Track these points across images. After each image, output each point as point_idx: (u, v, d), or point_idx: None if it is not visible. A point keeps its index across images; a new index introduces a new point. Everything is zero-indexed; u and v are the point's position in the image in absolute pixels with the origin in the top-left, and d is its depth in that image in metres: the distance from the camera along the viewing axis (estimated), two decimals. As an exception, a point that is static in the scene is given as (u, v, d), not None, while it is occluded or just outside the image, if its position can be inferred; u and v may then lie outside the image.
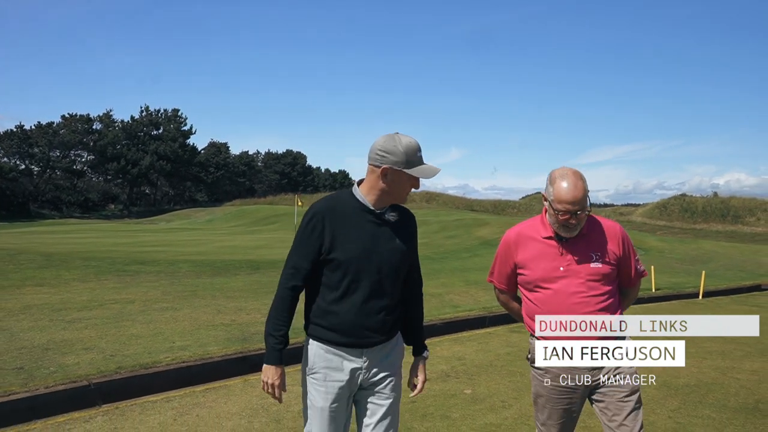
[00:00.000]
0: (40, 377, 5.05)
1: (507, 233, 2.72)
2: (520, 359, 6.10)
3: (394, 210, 2.39)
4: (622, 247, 2.55)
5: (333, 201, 2.35)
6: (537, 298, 2.54)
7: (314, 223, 2.29)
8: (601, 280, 2.47)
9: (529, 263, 2.56)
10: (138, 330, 6.83)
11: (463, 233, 23.52)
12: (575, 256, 2.49)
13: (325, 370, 2.31)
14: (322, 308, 2.31)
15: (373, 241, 2.30)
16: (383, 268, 2.30)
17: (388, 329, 2.35)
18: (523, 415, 4.32)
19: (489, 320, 8.83)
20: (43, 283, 9.41)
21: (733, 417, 4.30)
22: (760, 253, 22.73)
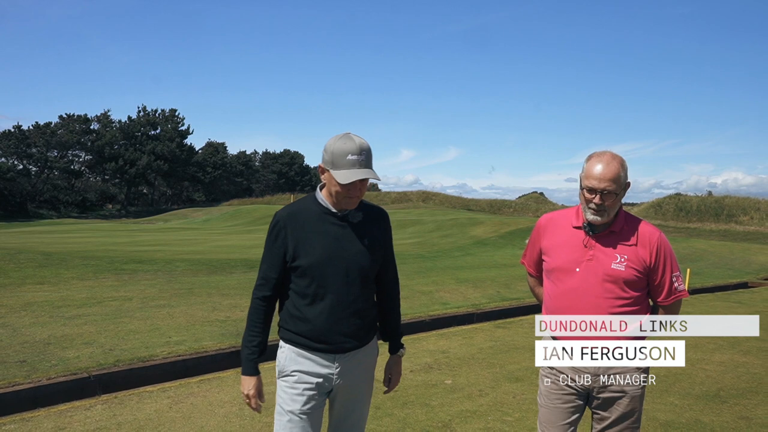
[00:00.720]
0: (42, 369, 5.32)
1: (542, 217, 2.65)
2: (502, 352, 6.38)
3: (359, 210, 2.35)
4: (655, 256, 2.36)
5: (295, 207, 2.34)
6: (552, 290, 2.47)
7: (276, 231, 2.29)
8: (619, 285, 2.33)
9: (552, 250, 2.48)
10: (136, 326, 7.09)
11: (458, 232, 23.77)
12: (599, 252, 2.37)
13: (297, 374, 2.30)
14: (294, 315, 2.30)
15: (337, 244, 2.26)
16: (350, 271, 2.26)
17: (361, 334, 2.33)
18: (497, 403, 4.60)
19: (477, 317, 9.11)
20: (43, 281, 9.66)
21: (694, 403, 4.59)
22: (750, 252, 23.03)
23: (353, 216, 2.32)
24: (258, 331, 2.30)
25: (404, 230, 26.99)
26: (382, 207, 2.52)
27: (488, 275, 12.66)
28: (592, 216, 2.34)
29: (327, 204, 2.31)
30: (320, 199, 2.33)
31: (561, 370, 2.42)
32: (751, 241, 29.39)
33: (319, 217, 2.29)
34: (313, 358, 2.29)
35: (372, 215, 2.40)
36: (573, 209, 2.51)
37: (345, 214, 2.31)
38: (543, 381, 2.52)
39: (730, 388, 5.06)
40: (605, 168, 2.30)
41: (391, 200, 51.16)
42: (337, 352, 2.29)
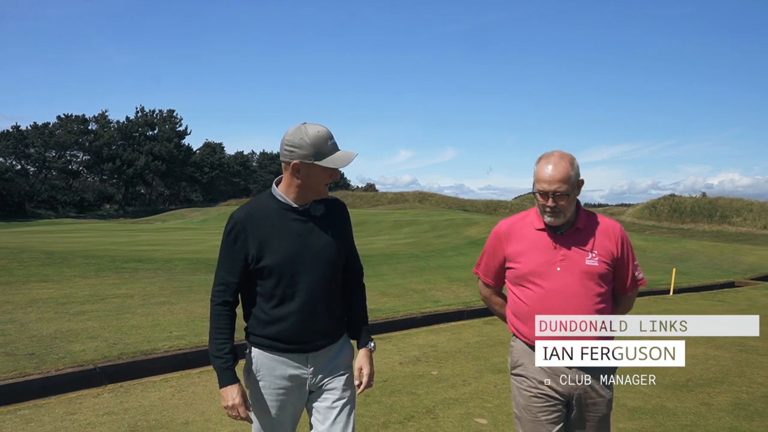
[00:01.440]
0: (51, 362, 5.62)
1: (499, 224, 2.58)
2: (488, 347, 6.70)
3: (320, 203, 2.29)
4: (621, 248, 2.39)
5: (251, 206, 2.25)
6: (526, 295, 2.39)
7: (235, 234, 2.18)
8: (595, 280, 2.32)
9: (519, 256, 2.41)
10: (138, 321, 7.40)
11: (452, 233, 24.12)
12: (569, 251, 2.35)
13: (269, 378, 2.23)
14: (261, 318, 2.22)
15: (301, 240, 2.20)
16: (317, 266, 2.20)
17: (331, 330, 2.28)
18: (479, 391, 4.92)
19: (467, 314, 9.44)
20: (46, 279, 9.97)
21: (662, 392, 4.91)
22: (740, 252, 23.42)
23: (315, 209, 2.26)
24: (225, 338, 2.19)
25: (400, 230, 27.33)
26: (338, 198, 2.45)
27: (480, 274, 12.98)
28: (549, 218, 2.33)
29: (287, 199, 2.22)
30: (278, 194, 2.24)
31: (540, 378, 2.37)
32: (742, 242, 29.79)
33: (279, 213, 2.21)
34: (285, 361, 2.22)
35: (331, 207, 2.33)
36: (531, 211, 2.49)
37: (306, 209, 2.24)
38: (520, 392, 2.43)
39: (698, 378, 5.39)
40: (554, 169, 2.28)
41: (387, 201, 51.49)
42: (310, 351, 2.23)
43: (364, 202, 53.09)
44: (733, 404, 4.62)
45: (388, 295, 9.87)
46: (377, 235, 26.49)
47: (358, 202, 53.13)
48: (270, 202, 2.24)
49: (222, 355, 2.18)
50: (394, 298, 9.71)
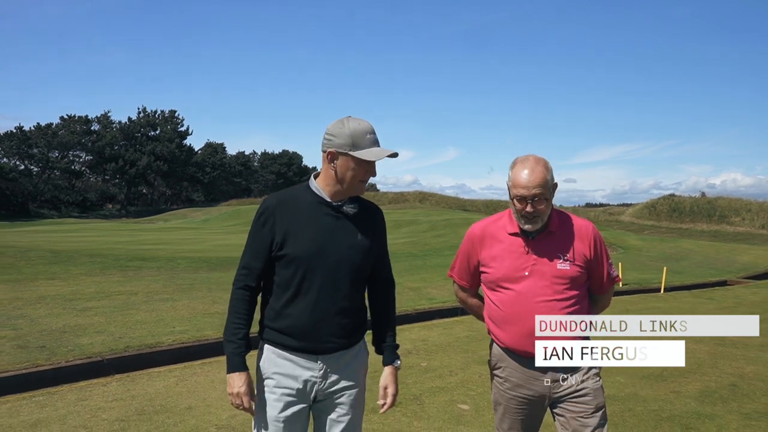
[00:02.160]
0: (61, 354, 5.94)
1: (471, 228, 2.56)
2: (476, 341, 7.00)
3: (355, 202, 2.22)
4: (593, 248, 2.38)
5: (286, 194, 2.22)
6: (499, 299, 2.38)
7: (264, 218, 2.15)
8: (567, 283, 2.32)
9: (492, 261, 2.40)
10: (142, 317, 7.73)
11: (450, 232, 24.43)
12: (541, 256, 2.33)
13: (276, 377, 2.15)
14: (275, 310, 2.16)
15: (330, 235, 2.14)
16: (341, 266, 2.13)
17: (346, 334, 2.17)
18: (464, 381, 5.23)
19: (460, 311, 9.73)
20: (53, 277, 10.29)
21: (637, 381, 5.22)
22: (736, 252, 23.71)
23: (350, 207, 2.19)
24: (242, 323, 2.14)
25: (399, 230, 27.64)
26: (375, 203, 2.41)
27: (475, 273, 13.29)
28: (527, 224, 2.31)
29: (322, 193, 2.18)
30: (314, 187, 2.20)
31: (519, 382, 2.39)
32: (739, 242, 30.07)
33: (312, 206, 2.17)
34: (294, 360, 2.14)
35: (368, 210, 2.28)
36: (503, 215, 2.47)
37: (340, 205, 2.18)
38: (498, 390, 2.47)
39: (673, 369, 5.69)
40: (531, 174, 2.26)
41: (388, 200, 51.78)
42: (321, 353, 2.14)
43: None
44: (700, 392, 4.93)
45: (384, 293, 10.18)
46: (377, 234, 26.84)
47: (358, 202, 53.29)
48: (305, 193, 2.20)
49: (236, 339, 2.12)
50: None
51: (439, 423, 4.19)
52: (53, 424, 4.06)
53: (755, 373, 5.52)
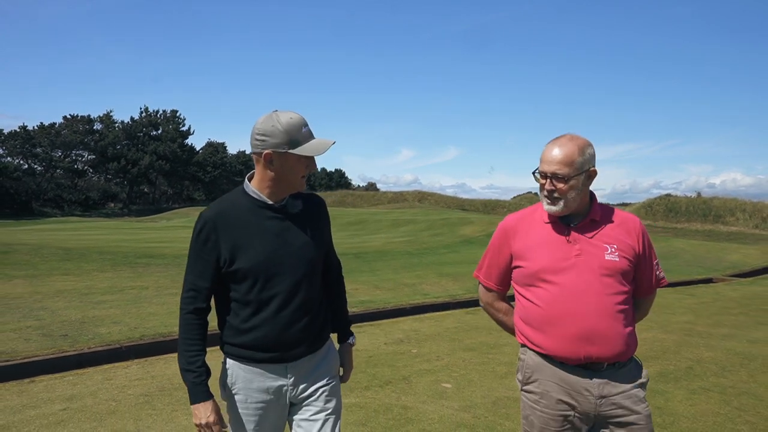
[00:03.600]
0: (83, 341, 6.52)
1: (506, 218, 2.34)
2: (464, 331, 7.58)
3: (297, 198, 2.14)
4: (641, 243, 2.15)
5: (222, 204, 2.08)
6: (539, 297, 2.12)
7: (205, 235, 2.01)
8: (616, 277, 2.06)
9: (529, 252, 2.17)
10: (154, 309, 8.30)
11: (447, 231, 24.98)
12: (586, 245, 2.10)
13: (246, 391, 2.07)
14: (236, 327, 2.06)
15: (279, 239, 2.04)
16: (297, 268, 2.05)
17: (313, 337, 2.12)
18: (449, 365, 5.80)
19: (452, 305, 10.30)
20: (68, 273, 10.86)
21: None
22: (726, 251, 24.22)
23: (292, 206, 2.11)
24: (197, 349, 2.05)
25: (397, 229, 28.22)
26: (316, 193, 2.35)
27: (469, 270, 13.81)
28: (548, 206, 2.13)
29: (261, 196, 2.07)
30: (251, 191, 2.08)
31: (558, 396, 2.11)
32: (732, 241, 30.58)
33: (253, 211, 2.05)
34: (262, 372, 2.07)
35: (309, 203, 2.19)
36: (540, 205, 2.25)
37: (283, 205, 2.09)
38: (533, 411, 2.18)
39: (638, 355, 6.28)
40: (557, 150, 2.08)
41: (387, 200, 52.35)
42: (289, 361, 2.07)
43: (364, 202, 53.97)
44: (658, 373, 5.50)
45: (380, 289, 10.73)
46: (375, 233, 27.40)
47: (358, 201, 54.04)
48: (242, 199, 2.08)
49: (194, 368, 2.02)
50: (386, 291, 10.57)
51: (424, 398, 4.76)
52: (86, 398, 4.64)
53: (712, 358, 6.10)
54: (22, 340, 6.38)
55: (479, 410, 4.44)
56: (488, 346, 6.63)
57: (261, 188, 2.07)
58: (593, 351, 2.04)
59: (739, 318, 8.71)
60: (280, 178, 2.04)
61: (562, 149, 2.09)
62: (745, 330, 7.67)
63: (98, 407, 4.43)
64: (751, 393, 4.86)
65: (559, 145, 2.10)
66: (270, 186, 2.06)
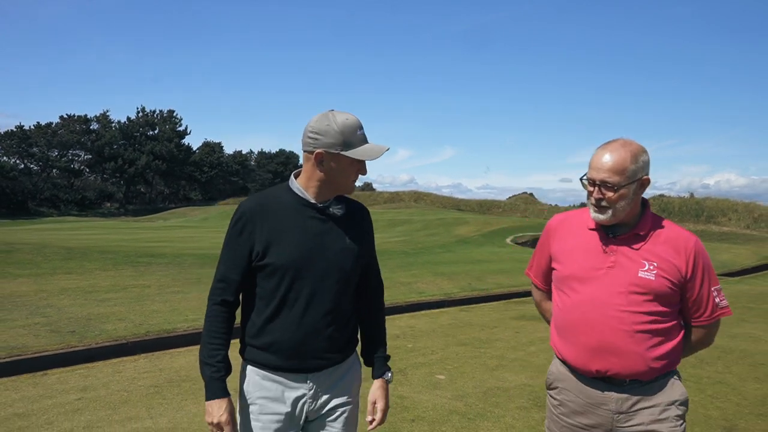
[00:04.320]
0: (90, 337, 6.76)
1: (552, 218, 2.32)
2: (458, 327, 7.86)
3: (341, 202, 2.05)
4: (692, 265, 1.99)
5: (264, 197, 2.03)
6: (564, 302, 2.11)
7: (241, 225, 1.96)
8: (646, 296, 1.96)
9: (563, 255, 2.14)
10: (157, 307, 8.55)
11: (443, 231, 25.30)
12: (622, 257, 2.01)
13: (262, 401, 1.98)
14: (257, 325, 1.98)
15: (317, 240, 1.97)
16: (330, 273, 1.97)
17: (338, 348, 2.01)
18: (443, 358, 6.08)
19: (447, 303, 10.59)
20: (71, 272, 11.09)
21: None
22: (716, 251, 24.57)
23: (336, 209, 2.03)
24: (220, 343, 1.95)
25: (393, 229, 28.51)
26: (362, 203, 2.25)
27: (464, 269, 14.15)
28: (594, 213, 2.04)
29: (305, 194, 2.00)
30: (296, 188, 2.02)
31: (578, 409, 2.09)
32: (723, 241, 30.98)
33: (295, 208, 1.99)
34: (281, 381, 1.98)
35: (355, 210, 2.11)
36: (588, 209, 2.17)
37: (326, 206, 2.01)
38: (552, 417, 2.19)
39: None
40: (607, 155, 1.99)
41: (383, 200, 52.64)
42: (310, 371, 1.98)
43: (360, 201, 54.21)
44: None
45: (377, 287, 11.03)
46: (372, 233, 27.72)
47: (354, 201, 54.19)
48: (286, 194, 2.02)
49: (214, 363, 1.93)
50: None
51: (419, 388, 5.04)
52: (99, 389, 4.91)
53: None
54: (32, 335, 6.62)
55: (470, 399, 4.72)
56: (480, 341, 6.91)
57: (307, 187, 2.01)
58: (603, 365, 1.99)
59: (723, 315, 9.01)
60: (330, 180, 1.98)
61: (614, 156, 1.98)
62: (727, 326, 7.95)
63: (111, 397, 4.70)
64: (724, 382, 5.16)
65: (610, 151, 2.00)
66: (317, 186, 1.99)
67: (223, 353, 1.95)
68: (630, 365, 1.96)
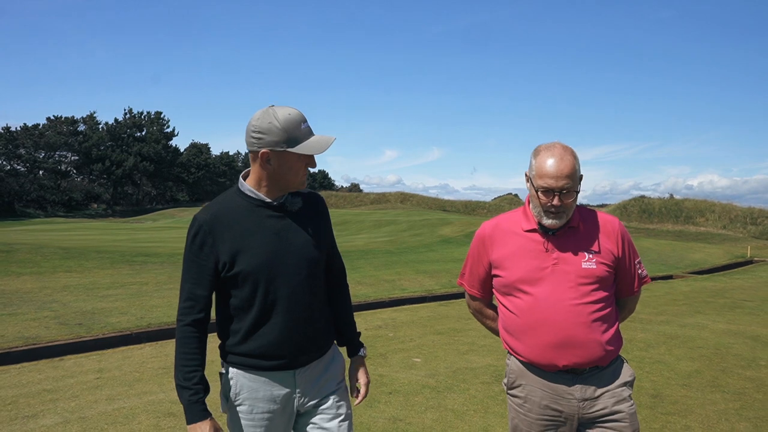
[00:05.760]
0: (96, 329, 7.36)
1: (482, 226, 2.32)
2: (436, 319, 8.54)
3: (296, 196, 2.05)
4: (621, 245, 2.13)
5: (217, 205, 1.99)
6: (516, 306, 2.13)
7: (201, 239, 1.92)
8: (594, 284, 2.07)
9: (506, 261, 2.17)
10: (156, 302, 9.15)
11: (427, 232, 26.00)
12: (563, 253, 2.09)
13: (251, 401, 1.98)
14: (240, 334, 1.97)
15: (279, 238, 1.96)
16: (300, 268, 1.98)
17: (321, 339, 2.07)
18: (419, 345, 6.76)
19: (428, 299, 11.28)
20: (70, 270, 11.64)
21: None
22: (691, 250, 25.51)
23: (291, 204, 2.03)
24: (195, 365, 1.92)
25: (379, 230, 29.19)
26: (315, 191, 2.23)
27: (445, 267, 14.84)
28: (552, 220, 2.06)
29: (258, 194, 1.99)
30: (247, 190, 2.00)
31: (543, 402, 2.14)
32: (699, 241, 31.94)
33: (250, 211, 1.97)
34: (269, 381, 1.99)
35: (309, 201, 2.12)
36: (519, 210, 2.24)
37: (282, 203, 2.01)
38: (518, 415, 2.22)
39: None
40: (559, 162, 2.01)
41: (369, 201, 53.30)
42: (297, 367, 2.01)
43: (347, 203, 54.91)
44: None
45: (362, 284, 11.65)
46: (358, 233, 28.34)
47: (341, 202, 54.96)
48: (238, 199, 2.00)
49: (191, 386, 1.90)
50: (368, 287, 11.51)
51: (396, 369, 5.71)
52: (113, 371, 5.53)
53: (643, 338, 7.11)
54: (43, 327, 7.21)
55: (441, 377, 5.40)
56: (455, 330, 7.60)
57: (258, 187, 1.99)
58: (569, 359, 2.07)
59: (681, 308, 9.77)
60: (279, 178, 1.96)
61: (565, 161, 2.03)
62: (681, 317, 8.72)
63: (125, 377, 5.33)
64: (663, 362, 5.88)
65: (559, 158, 2.03)
66: (267, 185, 1.98)
67: (199, 374, 1.92)
68: (591, 354, 2.05)
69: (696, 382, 5.21)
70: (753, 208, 43.26)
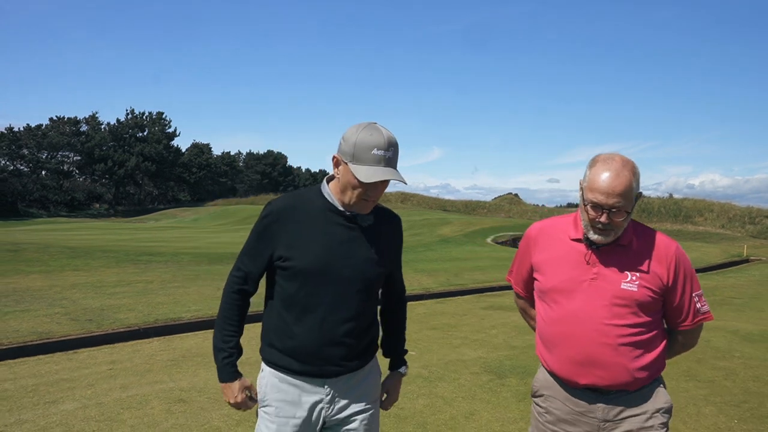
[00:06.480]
0: (106, 324, 7.69)
1: (531, 227, 2.28)
2: (431, 316, 8.87)
3: (372, 212, 2.03)
4: (674, 272, 1.99)
5: (294, 199, 2.03)
6: (548, 314, 2.10)
7: (267, 223, 1.99)
8: (630, 307, 1.96)
9: (545, 266, 2.12)
10: (162, 299, 9.47)
11: (427, 231, 26.33)
12: (605, 269, 1.99)
13: (278, 404, 2.00)
14: (278, 328, 2.01)
15: (341, 248, 1.96)
16: (352, 280, 1.96)
17: (356, 356, 2.02)
18: (415, 339, 7.06)
19: (426, 297, 11.59)
20: (78, 269, 11.97)
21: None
22: (688, 249, 25.55)
23: (364, 218, 2.02)
24: (234, 330, 2.02)
25: (380, 229, 29.43)
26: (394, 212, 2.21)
27: (443, 267, 15.18)
28: (597, 236, 1.97)
29: (334, 200, 2.00)
30: (326, 193, 2.02)
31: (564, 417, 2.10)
32: (697, 240, 32.21)
33: (322, 213, 1.99)
34: (299, 385, 2.00)
35: (384, 219, 2.11)
36: (570, 217, 2.15)
37: (354, 215, 2.00)
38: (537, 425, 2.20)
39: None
40: (614, 179, 1.90)
41: (370, 201, 53.46)
42: (328, 377, 1.99)
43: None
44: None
45: (361, 282, 12.00)
46: (359, 233, 28.64)
47: (342, 202, 54.98)
48: (316, 198, 2.02)
49: (227, 348, 2.00)
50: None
51: (392, 361, 6.04)
52: (125, 362, 5.87)
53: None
54: (54, 323, 7.54)
55: (434, 368, 5.73)
56: (450, 326, 7.93)
57: (335, 192, 2.01)
58: (591, 379, 2.01)
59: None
60: (342, 189, 1.97)
61: (620, 179, 1.90)
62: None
63: (136, 368, 5.66)
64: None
65: (615, 173, 1.90)
66: (340, 193, 1.99)
67: (235, 340, 2.03)
68: (615, 377, 1.98)
69: (671, 372, 5.52)
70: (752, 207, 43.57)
